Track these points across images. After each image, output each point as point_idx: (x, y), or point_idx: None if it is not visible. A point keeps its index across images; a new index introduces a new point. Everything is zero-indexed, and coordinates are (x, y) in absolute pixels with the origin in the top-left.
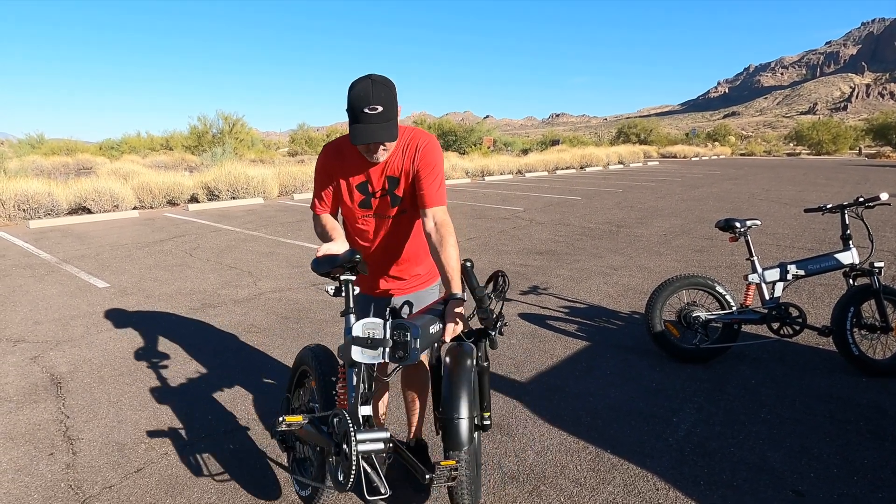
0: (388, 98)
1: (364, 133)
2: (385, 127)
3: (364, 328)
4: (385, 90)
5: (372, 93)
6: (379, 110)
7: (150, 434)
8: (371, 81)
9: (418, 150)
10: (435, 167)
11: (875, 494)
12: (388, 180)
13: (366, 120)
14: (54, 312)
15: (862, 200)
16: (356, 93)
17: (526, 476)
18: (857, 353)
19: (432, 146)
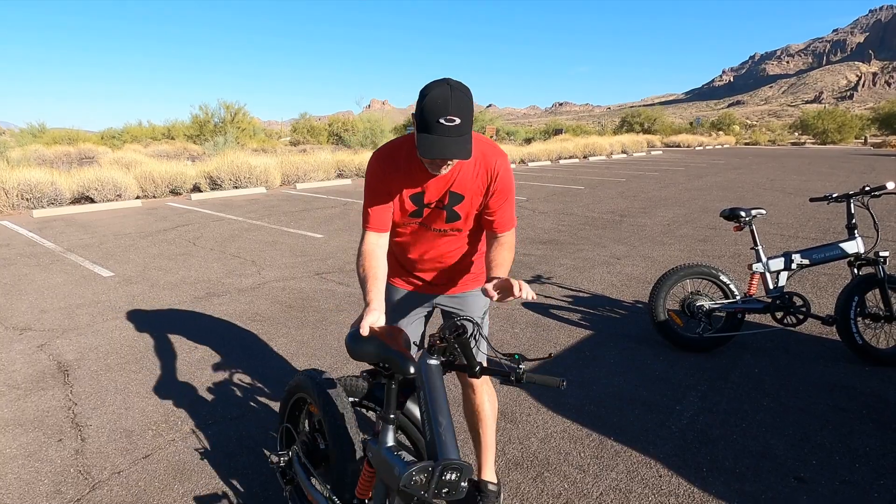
0: (467, 108)
1: (437, 146)
2: (460, 142)
3: (409, 475)
4: (465, 99)
5: (451, 101)
6: (456, 122)
7: (158, 421)
8: (450, 87)
9: (497, 176)
10: (511, 193)
11: (877, 482)
12: (451, 195)
13: (441, 132)
14: (60, 301)
15: (868, 190)
16: (433, 99)
17: (530, 463)
18: (860, 342)
19: (508, 170)
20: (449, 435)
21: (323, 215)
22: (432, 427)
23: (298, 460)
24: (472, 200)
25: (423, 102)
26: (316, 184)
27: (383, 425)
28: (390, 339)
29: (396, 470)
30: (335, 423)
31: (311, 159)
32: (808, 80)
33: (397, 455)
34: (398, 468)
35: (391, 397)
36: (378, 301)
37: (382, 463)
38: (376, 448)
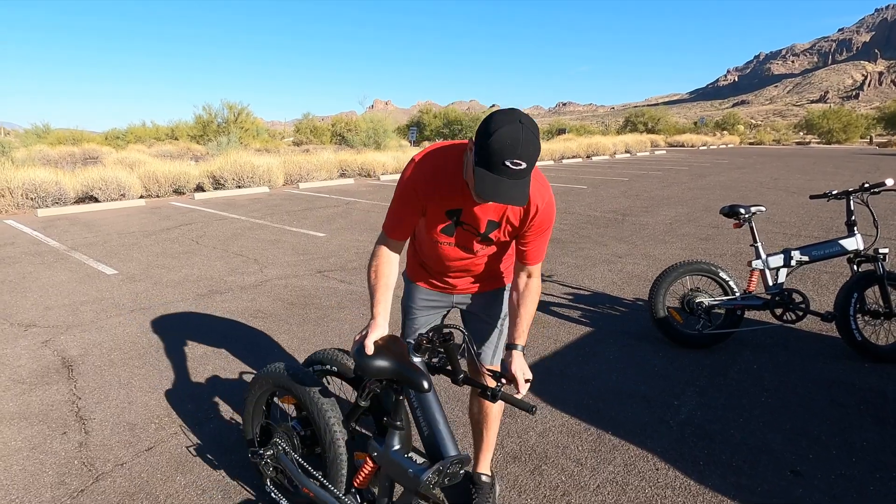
0: (536, 152)
1: (498, 190)
2: (521, 185)
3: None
4: (535, 142)
5: (521, 143)
6: (522, 167)
7: (160, 415)
8: (521, 126)
9: (538, 212)
10: (548, 229)
11: (873, 475)
12: (489, 223)
13: (504, 174)
14: (64, 298)
15: (867, 186)
16: (503, 137)
17: (528, 456)
18: (860, 338)
19: (552, 206)
20: (447, 432)
21: (325, 214)
22: (430, 425)
23: (282, 452)
24: (507, 228)
25: (490, 138)
26: (318, 183)
27: (390, 431)
28: (398, 354)
29: (411, 472)
30: (326, 415)
31: (314, 159)
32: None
33: (408, 458)
34: (413, 471)
35: (399, 407)
36: (384, 316)
37: (392, 464)
38: (383, 450)
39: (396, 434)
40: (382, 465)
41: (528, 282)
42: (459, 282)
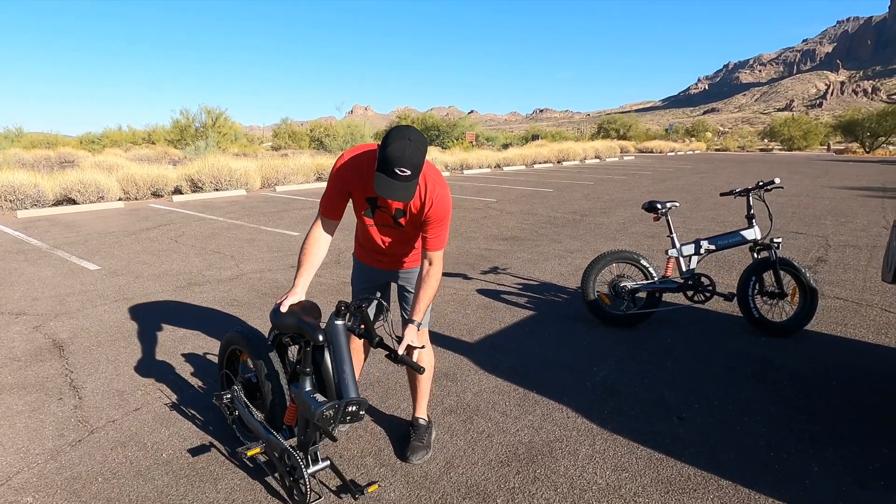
0: (419, 163)
1: (388, 189)
2: (406, 187)
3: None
4: (419, 154)
5: (406, 156)
6: (407, 174)
7: (146, 384)
8: (409, 142)
9: (433, 204)
10: (443, 220)
11: (742, 419)
12: (397, 210)
13: (393, 176)
14: (50, 290)
15: (762, 185)
16: (392, 151)
17: (462, 409)
18: (757, 315)
19: (444, 200)
20: (350, 378)
21: (301, 215)
22: (338, 373)
23: (238, 397)
24: (410, 215)
25: (385, 150)
26: (295, 186)
27: (301, 376)
28: (305, 313)
29: (312, 407)
30: (264, 368)
31: (291, 163)
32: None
33: (313, 397)
34: (314, 406)
35: (306, 356)
36: (301, 287)
37: (302, 402)
38: (297, 391)
39: (306, 378)
40: (297, 403)
41: (430, 268)
42: (388, 258)
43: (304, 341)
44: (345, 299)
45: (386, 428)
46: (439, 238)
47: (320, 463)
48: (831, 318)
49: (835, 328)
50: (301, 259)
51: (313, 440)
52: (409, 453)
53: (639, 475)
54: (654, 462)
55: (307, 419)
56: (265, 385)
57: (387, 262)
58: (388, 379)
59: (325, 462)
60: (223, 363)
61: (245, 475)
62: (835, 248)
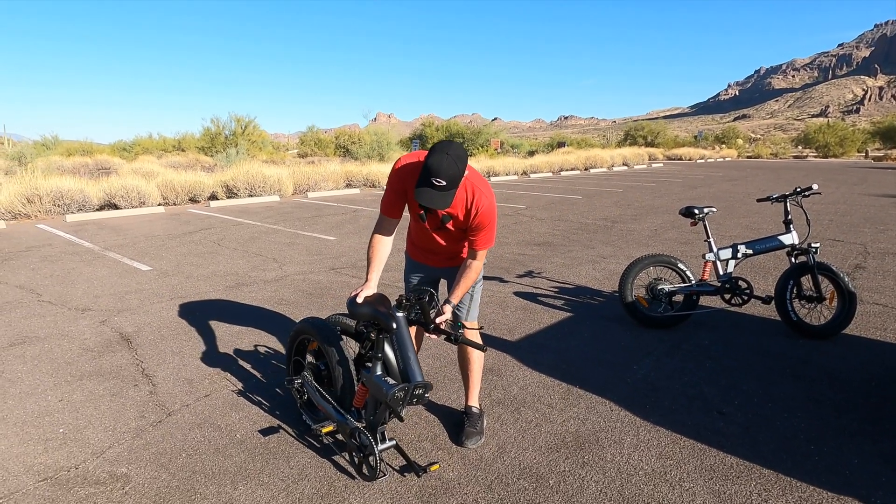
0: (455, 175)
1: (425, 196)
2: (443, 196)
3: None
4: (454, 167)
5: (443, 167)
6: (442, 184)
7: (211, 373)
8: (446, 156)
9: (479, 212)
10: (488, 226)
11: (781, 414)
12: (443, 216)
13: (430, 186)
14: (109, 289)
15: (799, 190)
16: (431, 163)
17: (510, 401)
18: (795, 318)
19: (489, 208)
20: (415, 363)
21: (334, 221)
22: (404, 360)
23: (308, 382)
24: (459, 219)
25: (426, 161)
26: (326, 193)
27: (374, 361)
28: (379, 304)
29: (384, 389)
30: (335, 355)
31: (321, 170)
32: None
33: (385, 380)
34: (385, 388)
35: (378, 343)
36: (374, 280)
37: (374, 385)
38: (369, 375)
39: (378, 363)
40: (368, 386)
41: (472, 262)
42: (437, 257)
43: (377, 329)
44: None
45: (439, 416)
46: (485, 240)
47: (388, 442)
48: (870, 322)
49: (874, 332)
50: (370, 256)
51: (382, 420)
52: (464, 438)
53: (682, 463)
54: (697, 451)
55: (378, 400)
56: (336, 370)
57: (436, 260)
58: (437, 372)
59: (392, 442)
60: (292, 351)
61: (314, 454)
62: (874, 255)
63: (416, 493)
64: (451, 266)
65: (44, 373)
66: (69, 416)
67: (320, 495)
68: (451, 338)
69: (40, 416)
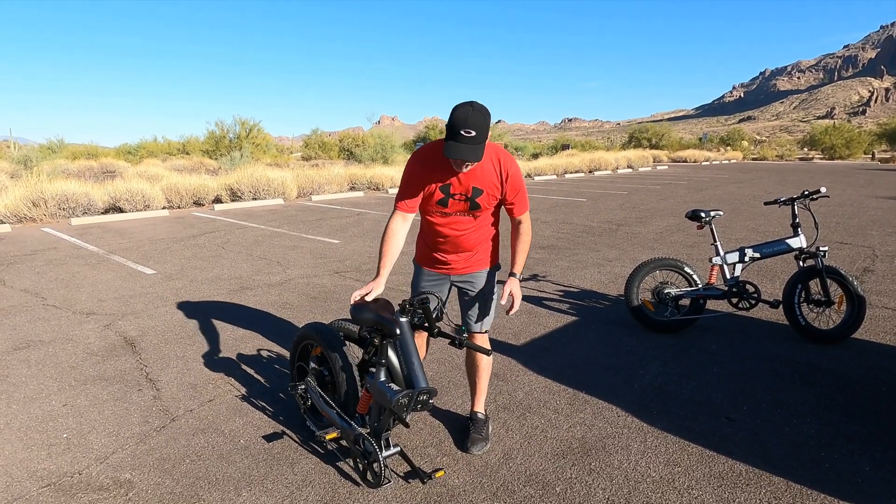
0: (483, 125)
1: (456, 150)
2: (474, 149)
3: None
4: (481, 118)
5: (470, 118)
6: (472, 134)
7: (215, 378)
8: (471, 108)
9: (509, 174)
10: (522, 187)
11: (791, 420)
12: (474, 189)
13: (461, 140)
14: (113, 292)
15: (807, 194)
16: (457, 115)
17: (516, 407)
18: (803, 323)
19: (518, 170)
20: (419, 369)
21: (338, 224)
22: (408, 365)
23: (312, 388)
24: (490, 192)
25: (451, 116)
26: (330, 196)
27: (377, 367)
28: (383, 309)
29: (388, 395)
30: (339, 360)
31: (325, 173)
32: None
33: (389, 386)
34: (389, 394)
35: (382, 349)
36: (384, 275)
37: (377, 391)
38: (373, 381)
39: (382, 369)
40: (372, 392)
41: (519, 227)
42: (454, 259)
43: (380, 334)
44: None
45: (444, 422)
46: (523, 202)
47: (392, 448)
48: (880, 327)
49: (884, 337)
50: (382, 250)
51: (386, 426)
52: (469, 444)
53: (691, 470)
54: (706, 458)
55: (382, 407)
56: (340, 376)
57: (455, 263)
58: (441, 378)
59: (397, 448)
60: (296, 356)
61: (318, 460)
62: (882, 258)
63: (421, 499)
64: (470, 272)
65: (48, 377)
66: (73, 421)
67: (324, 502)
68: (455, 342)
69: (44, 421)
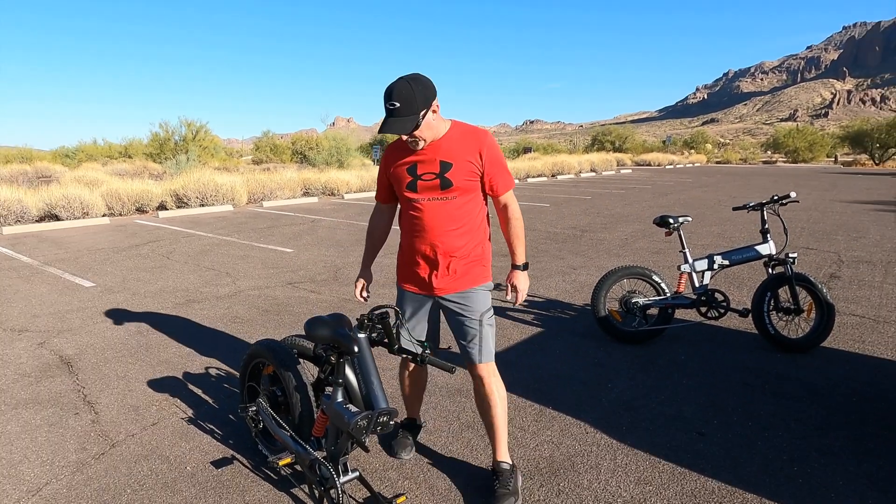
0: (409, 96)
1: (384, 125)
2: (399, 122)
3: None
4: (407, 88)
5: (396, 89)
6: (397, 106)
7: (159, 399)
8: (401, 80)
9: (486, 147)
10: (502, 159)
11: (763, 434)
12: (442, 164)
13: (386, 113)
14: (48, 308)
15: (777, 198)
16: (386, 89)
17: (479, 425)
18: (773, 331)
19: (493, 142)
20: (379, 390)
21: (291, 231)
22: (367, 384)
23: (264, 409)
24: (464, 167)
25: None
26: (282, 202)
27: (334, 387)
28: (335, 325)
29: (346, 417)
30: (292, 380)
31: (277, 177)
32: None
33: (346, 407)
34: (347, 416)
35: (339, 367)
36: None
37: (334, 413)
38: (329, 402)
39: (339, 389)
40: (329, 414)
41: (507, 211)
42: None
43: (337, 352)
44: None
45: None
46: (504, 178)
47: (350, 474)
48: (848, 334)
49: (852, 345)
50: (367, 243)
51: (344, 450)
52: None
53: (662, 488)
54: (677, 476)
55: (340, 429)
56: (294, 396)
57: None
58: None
59: (355, 473)
60: (246, 376)
61: (271, 486)
62: (848, 263)
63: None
64: (459, 290)
65: None
66: (2, 450)
67: None
68: (417, 358)
69: None
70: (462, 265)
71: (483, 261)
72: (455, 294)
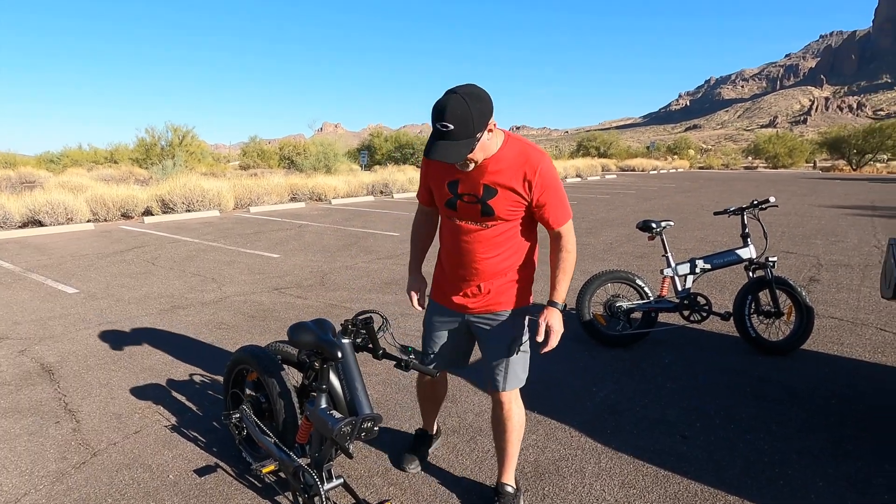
0: (464, 116)
1: (430, 149)
2: (451, 147)
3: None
4: (462, 107)
5: (447, 108)
6: (449, 128)
7: (142, 407)
8: (452, 95)
9: (537, 173)
10: (557, 188)
11: (744, 436)
12: (486, 189)
13: (435, 135)
14: (30, 314)
15: (756, 203)
16: (435, 105)
17: (465, 430)
18: (754, 334)
19: (550, 167)
20: (363, 395)
21: (278, 237)
22: (351, 391)
23: (247, 416)
24: (509, 196)
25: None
26: (269, 207)
27: (318, 393)
28: (323, 330)
29: (330, 423)
30: (276, 386)
31: (264, 183)
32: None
33: (330, 413)
34: (331, 422)
35: (322, 373)
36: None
37: (318, 419)
38: (313, 409)
39: (323, 395)
40: (313, 420)
41: (559, 242)
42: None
43: (321, 358)
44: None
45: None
46: (560, 210)
47: (334, 480)
48: (827, 337)
49: (831, 347)
50: (411, 248)
51: (328, 457)
52: None
53: (646, 492)
54: (661, 479)
55: (323, 436)
56: (277, 403)
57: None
58: (388, 400)
59: (339, 480)
60: (230, 382)
61: (255, 494)
62: (827, 267)
63: None
64: (490, 311)
65: None
66: None
67: None
68: (401, 364)
69: None
70: (497, 285)
71: (522, 282)
72: (486, 314)
